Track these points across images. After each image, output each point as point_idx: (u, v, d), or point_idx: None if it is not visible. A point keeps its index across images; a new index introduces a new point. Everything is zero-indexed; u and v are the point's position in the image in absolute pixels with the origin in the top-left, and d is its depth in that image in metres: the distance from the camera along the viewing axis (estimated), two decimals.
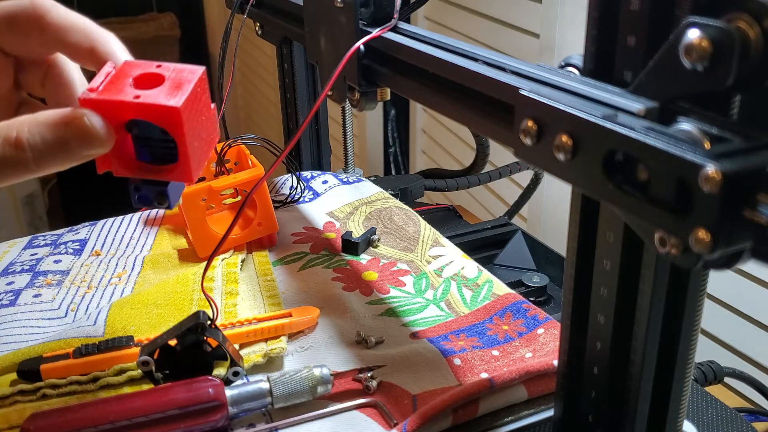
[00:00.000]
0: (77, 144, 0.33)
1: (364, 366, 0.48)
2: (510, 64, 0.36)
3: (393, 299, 0.57)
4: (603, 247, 0.35)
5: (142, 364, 0.45)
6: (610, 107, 0.29)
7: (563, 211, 0.43)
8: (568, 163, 0.29)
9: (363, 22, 0.48)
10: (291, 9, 0.64)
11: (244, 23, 0.70)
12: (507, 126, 0.35)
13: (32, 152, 0.33)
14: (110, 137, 0.34)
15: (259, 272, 0.60)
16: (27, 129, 0.33)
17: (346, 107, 0.76)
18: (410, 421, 0.41)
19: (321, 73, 0.61)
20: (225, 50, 0.71)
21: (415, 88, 0.44)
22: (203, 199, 0.60)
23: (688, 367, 0.36)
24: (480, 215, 1.21)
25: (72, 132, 0.33)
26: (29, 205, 2.35)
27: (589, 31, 0.32)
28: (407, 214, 0.68)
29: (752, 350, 0.79)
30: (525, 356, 0.49)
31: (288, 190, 0.74)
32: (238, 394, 0.43)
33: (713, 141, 0.25)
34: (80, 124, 0.33)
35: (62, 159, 0.34)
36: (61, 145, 0.33)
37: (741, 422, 0.46)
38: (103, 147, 0.34)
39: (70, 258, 0.64)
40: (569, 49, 0.97)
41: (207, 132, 0.37)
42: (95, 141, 0.34)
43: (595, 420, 0.38)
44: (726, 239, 0.24)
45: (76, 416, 0.41)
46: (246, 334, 0.50)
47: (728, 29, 0.25)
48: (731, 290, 0.80)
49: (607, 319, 0.36)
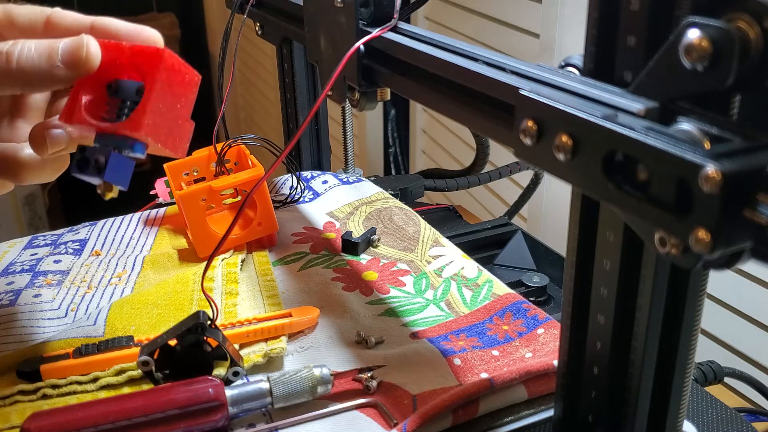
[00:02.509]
0: (65, 57, 0.37)
1: (364, 366, 0.48)
2: (510, 64, 0.36)
3: (393, 299, 0.57)
4: (603, 247, 0.35)
5: (142, 364, 0.45)
6: (610, 107, 0.29)
7: (563, 211, 0.44)
8: (568, 163, 0.29)
9: (363, 22, 0.48)
10: (291, 9, 0.64)
11: (244, 23, 0.70)
12: (507, 126, 0.35)
13: (21, 48, 0.37)
14: (96, 62, 0.38)
15: (259, 272, 0.60)
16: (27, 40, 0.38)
17: (346, 107, 0.76)
18: (410, 421, 0.41)
19: (321, 73, 0.61)
20: (225, 50, 0.71)
21: (415, 88, 0.44)
22: (203, 199, 0.60)
23: (688, 367, 0.36)
24: (480, 215, 1.21)
25: (65, 46, 0.37)
26: (29, 205, 2.36)
27: (589, 31, 0.32)
28: (407, 214, 0.68)
29: (752, 350, 0.79)
30: (525, 356, 0.49)
31: (288, 190, 0.74)
32: (238, 394, 0.43)
33: (713, 141, 0.25)
34: (77, 41, 0.37)
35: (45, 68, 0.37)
36: (50, 54, 0.37)
37: (741, 422, 0.46)
38: (87, 69, 0.37)
39: (70, 258, 0.64)
40: (569, 49, 0.97)
41: (176, 124, 0.40)
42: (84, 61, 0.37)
43: (595, 420, 0.38)
44: (726, 239, 0.24)
45: (76, 416, 0.41)
46: (246, 334, 0.50)
47: (728, 29, 0.25)
48: (731, 290, 0.80)
49: (607, 319, 0.36)
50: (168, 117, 0.38)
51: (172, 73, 0.38)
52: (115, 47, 0.38)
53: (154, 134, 0.38)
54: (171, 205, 0.74)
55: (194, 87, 0.40)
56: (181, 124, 0.40)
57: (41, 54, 0.37)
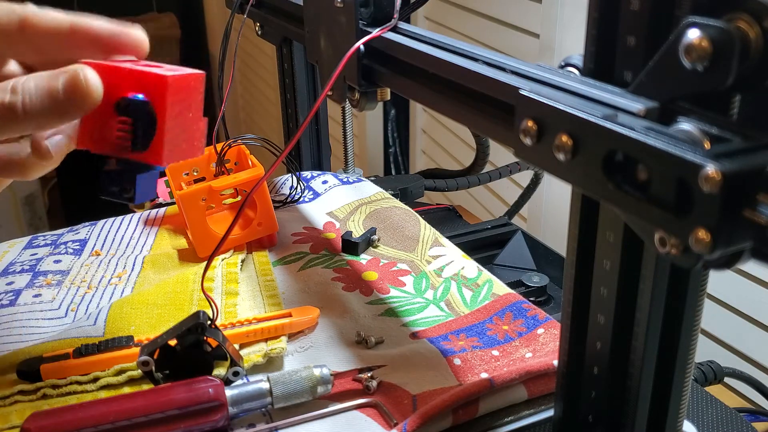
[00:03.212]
0: (67, 95, 0.35)
1: (364, 366, 0.48)
2: (510, 64, 0.36)
3: (393, 299, 0.57)
4: (603, 247, 0.35)
5: (142, 364, 0.45)
6: (610, 107, 0.29)
7: (563, 211, 0.43)
8: (568, 163, 0.29)
9: (363, 22, 0.48)
10: (291, 9, 0.64)
11: (244, 23, 0.70)
12: (507, 126, 0.35)
13: (23, 95, 0.35)
14: (99, 95, 0.36)
15: (259, 272, 0.60)
16: (24, 80, 0.35)
17: (346, 107, 0.76)
18: (410, 421, 0.41)
19: (321, 73, 0.61)
20: (225, 50, 0.71)
21: (415, 88, 0.44)
22: (203, 199, 0.60)
23: (688, 367, 0.36)
24: (480, 215, 1.21)
25: (65, 83, 0.35)
26: (29, 205, 2.36)
27: (589, 31, 0.32)
28: (407, 214, 0.68)
29: (752, 350, 0.79)
30: (525, 356, 0.49)
31: (288, 190, 0.74)
32: (238, 394, 0.43)
33: (713, 141, 0.25)
34: (75, 75, 0.35)
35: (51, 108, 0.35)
36: (51, 94, 0.35)
37: (741, 422, 0.46)
38: (91, 103, 0.36)
39: (70, 258, 0.64)
40: (569, 49, 0.97)
41: (190, 132, 0.39)
42: (86, 95, 0.35)
43: (595, 420, 0.38)
44: (726, 239, 0.24)
45: (76, 416, 0.41)
46: (246, 334, 0.50)
47: (728, 29, 0.25)
48: (731, 290, 0.80)
49: (607, 319, 0.36)
50: (183, 131, 0.38)
51: (179, 92, 0.37)
52: (114, 69, 0.37)
53: (174, 156, 0.38)
54: (171, 205, 0.74)
55: (201, 87, 0.39)
56: (195, 128, 0.39)
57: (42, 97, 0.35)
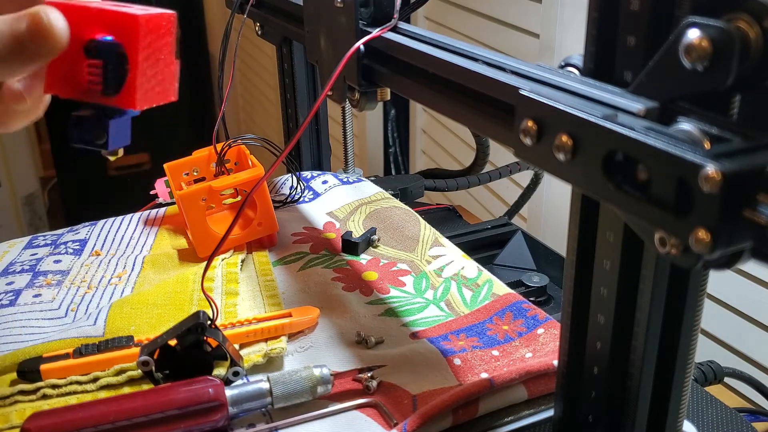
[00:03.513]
0: (31, 38, 0.33)
1: (364, 366, 0.48)
2: (510, 64, 0.36)
3: (393, 299, 0.57)
4: (603, 247, 0.35)
5: (142, 364, 0.45)
6: (610, 107, 0.29)
7: (563, 211, 0.44)
8: (568, 163, 0.29)
9: (363, 22, 0.48)
10: (291, 9, 0.64)
11: (244, 23, 0.70)
12: (507, 126, 0.35)
13: None
14: (66, 36, 0.34)
15: (259, 272, 0.60)
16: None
17: (346, 107, 0.76)
18: (410, 421, 0.41)
19: (321, 73, 0.61)
20: (225, 50, 0.71)
21: (415, 88, 0.44)
22: (203, 199, 0.60)
23: (688, 367, 0.36)
24: (480, 215, 1.21)
25: (28, 24, 0.33)
26: (29, 205, 2.36)
27: (589, 31, 0.32)
28: (407, 214, 0.68)
29: (752, 350, 0.79)
30: (525, 356, 0.49)
31: (288, 190, 0.74)
32: (238, 394, 0.43)
33: (713, 141, 0.25)
34: (37, 17, 0.33)
35: (16, 53, 0.33)
36: (16, 38, 0.33)
37: (741, 422, 0.46)
38: (58, 45, 0.34)
39: (70, 258, 0.64)
40: (569, 49, 0.97)
41: (164, 75, 0.37)
42: (50, 37, 0.33)
43: (595, 420, 0.38)
44: (726, 239, 0.24)
45: (76, 416, 0.41)
46: (246, 334, 0.50)
47: (728, 29, 0.25)
48: (731, 290, 0.80)
49: (607, 319, 0.36)
50: (156, 73, 0.36)
51: (151, 32, 0.36)
52: (81, 9, 0.35)
53: (147, 101, 0.37)
54: (171, 205, 0.74)
55: (173, 29, 0.37)
56: (168, 71, 0.38)
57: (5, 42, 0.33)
